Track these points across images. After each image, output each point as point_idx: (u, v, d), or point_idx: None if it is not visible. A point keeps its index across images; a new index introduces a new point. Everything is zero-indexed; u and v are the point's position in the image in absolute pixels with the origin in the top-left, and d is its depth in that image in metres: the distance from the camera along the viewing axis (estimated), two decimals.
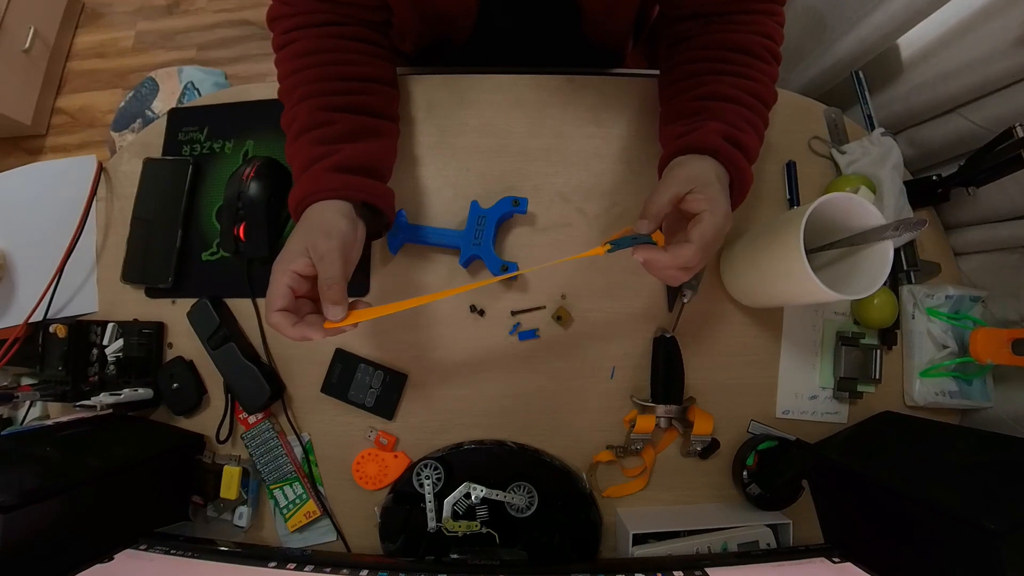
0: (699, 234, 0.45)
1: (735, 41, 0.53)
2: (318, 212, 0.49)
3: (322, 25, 0.53)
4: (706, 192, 0.46)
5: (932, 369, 0.60)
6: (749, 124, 0.51)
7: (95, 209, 0.68)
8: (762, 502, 0.58)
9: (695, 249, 0.45)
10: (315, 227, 0.47)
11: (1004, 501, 0.41)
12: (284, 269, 0.46)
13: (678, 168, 0.49)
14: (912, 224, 0.46)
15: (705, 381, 0.62)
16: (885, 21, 0.65)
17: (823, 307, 0.63)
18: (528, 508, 0.59)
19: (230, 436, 0.63)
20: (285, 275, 0.46)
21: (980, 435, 0.55)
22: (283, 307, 0.45)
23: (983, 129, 0.59)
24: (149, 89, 1.25)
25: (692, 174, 0.47)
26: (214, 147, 0.68)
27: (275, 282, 0.46)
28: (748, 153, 0.50)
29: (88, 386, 0.63)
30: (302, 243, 0.46)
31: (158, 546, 0.52)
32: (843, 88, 0.73)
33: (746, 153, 0.50)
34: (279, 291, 0.45)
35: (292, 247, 0.47)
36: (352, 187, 0.50)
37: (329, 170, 0.49)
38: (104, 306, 0.67)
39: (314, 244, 0.46)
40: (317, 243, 0.46)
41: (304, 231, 0.48)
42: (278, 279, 0.46)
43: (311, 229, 0.47)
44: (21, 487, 0.45)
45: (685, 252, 0.45)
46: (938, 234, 0.66)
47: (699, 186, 0.46)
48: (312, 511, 0.61)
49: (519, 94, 0.66)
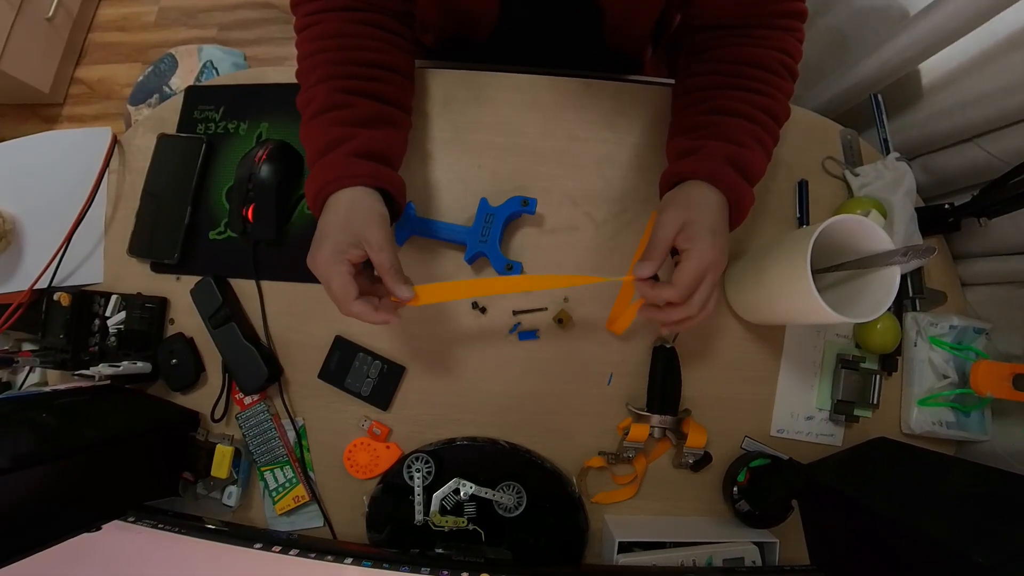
0: (678, 275, 0.47)
1: (751, 56, 0.53)
2: (356, 200, 0.48)
3: (344, 10, 0.53)
4: (691, 232, 0.47)
5: (931, 398, 0.60)
6: (756, 141, 0.51)
7: (107, 181, 0.69)
8: (750, 519, 0.58)
9: (671, 290, 0.47)
10: (360, 216, 0.47)
11: (995, 535, 0.41)
12: (340, 259, 0.46)
13: (674, 205, 0.49)
14: (921, 251, 0.45)
15: (702, 394, 0.62)
16: (908, 46, 0.65)
17: (825, 328, 0.63)
18: (516, 508, 0.59)
19: (225, 415, 0.64)
20: (343, 265, 0.46)
21: (975, 468, 0.55)
22: (358, 295, 0.46)
23: (999, 160, 0.59)
24: (168, 65, 1.25)
25: (684, 209, 0.48)
26: (228, 127, 0.69)
27: (337, 274, 0.46)
28: (751, 173, 0.51)
29: (88, 356, 0.64)
30: (351, 233, 0.46)
31: (146, 519, 0.53)
32: (861, 110, 0.73)
33: (749, 173, 0.50)
34: (347, 282, 0.46)
35: (337, 237, 0.46)
36: (375, 174, 0.50)
37: (351, 156, 0.49)
38: (109, 278, 0.67)
39: (367, 235, 0.46)
40: (370, 234, 0.46)
41: (346, 220, 0.47)
42: (339, 270, 0.46)
43: (355, 219, 0.47)
44: (14, 451, 0.45)
45: (665, 291, 0.47)
46: (946, 263, 0.65)
47: (688, 224, 0.47)
48: (301, 496, 0.61)
49: (536, 95, 0.66)
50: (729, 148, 0.50)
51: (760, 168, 0.52)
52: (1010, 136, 0.59)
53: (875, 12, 0.76)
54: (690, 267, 0.46)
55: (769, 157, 0.53)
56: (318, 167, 0.50)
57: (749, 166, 0.50)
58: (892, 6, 0.73)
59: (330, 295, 0.47)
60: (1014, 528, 0.42)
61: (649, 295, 0.49)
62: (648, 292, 0.49)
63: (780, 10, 0.53)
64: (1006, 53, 0.60)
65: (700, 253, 0.46)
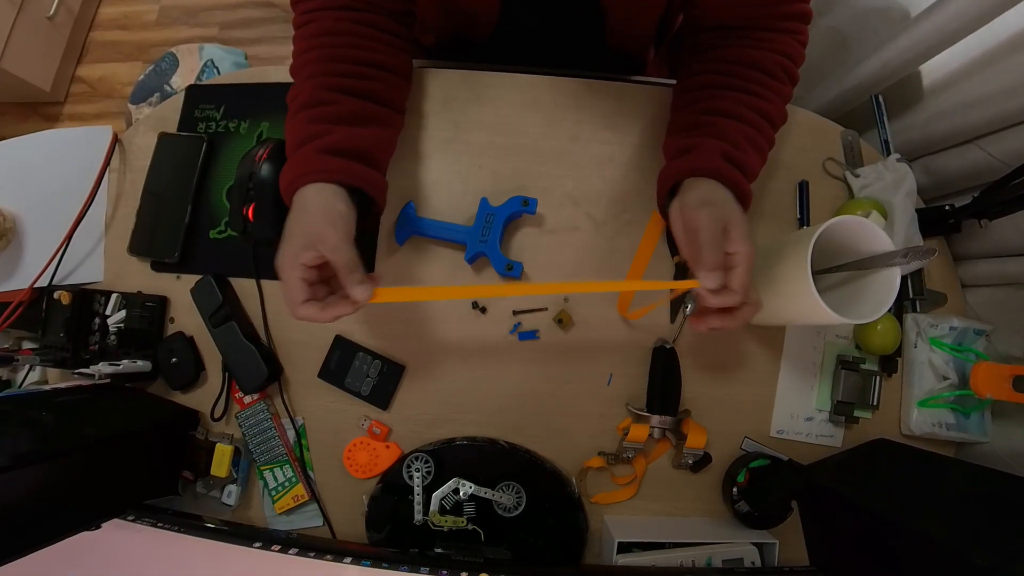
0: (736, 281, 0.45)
1: (751, 57, 0.53)
2: (314, 197, 0.47)
3: (342, 9, 0.53)
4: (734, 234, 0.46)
5: (931, 399, 0.60)
6: (750, 143, 0.51)
7: (107, 179, 0.69)
8: (750, 520, 0.58)
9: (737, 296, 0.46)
10: (316, 216, 0.46)
11: (994, 537, 0.41)
12: (293, 264, 0.46)
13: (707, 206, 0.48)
14: (921, 252, 0.45)
15: (701, 394, 0.62)
16: (909, 47, 0.65)
17: (825, 329, 0.63)
18: (516, 508, 0.59)
19: (225, 414, 0.64)
20: (295, 270, 0.45)
21: (974, 469, 0.55)
22: (305, 299, 0.46)
23: (1000, 162, 0.59)
24: (169, 64, 1.25)
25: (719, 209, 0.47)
26: (229, 126, 0.69)
27: (289, 279, 0.46)
28: (747, 173, 0.50)
29: (88, 354, 0.64)
30: (305, 235, 0.46)
31: (146, 518, 0.53)
32: (861, 111, 0.73)
33: (745, 173, 0.50)
34: (296, 287, 0.46)
35: (294, 240, 0.46)
36: (344, 171, 0.49)
37: (320, 151, 0.48)
38: (109, 276, 0.67)
39: (320, 236, 0.45)
40: (324, 235, 0.45)
41: (303, 220, 0.47)
42: (290, 275, 0.46)
43: (311, 219, 0.47)
44: (14, 449, 0.45)
45: (747, 312, 0.47)
46: (947, 264, 0.65)
47: (729, 225, 0.46)
48: (300, 495, 0.61)
49: (536, 95, 0.66)
50: (724, 146, 0.50)
51: (755, 169, 0.52)
52: (1011, 137, 0.59)
53: (876, 13, 0.76)
54: (744, 270, 0.45)
55: (764, 160, 0.53)
56: (290, 162, 0.50)
57: (744, 166, 0.50)
58: (893, 7, 0.73)
59: (284, 297, 0.47)
60: (1013, 530, 0.42)
61: (715, 302, 0.47)
62: (714, 301, 0.47)
63: (783, 12, 0.53)
64: (1007, 55, 0.60)
65: (749, 253, 0.46)
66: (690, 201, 0.49)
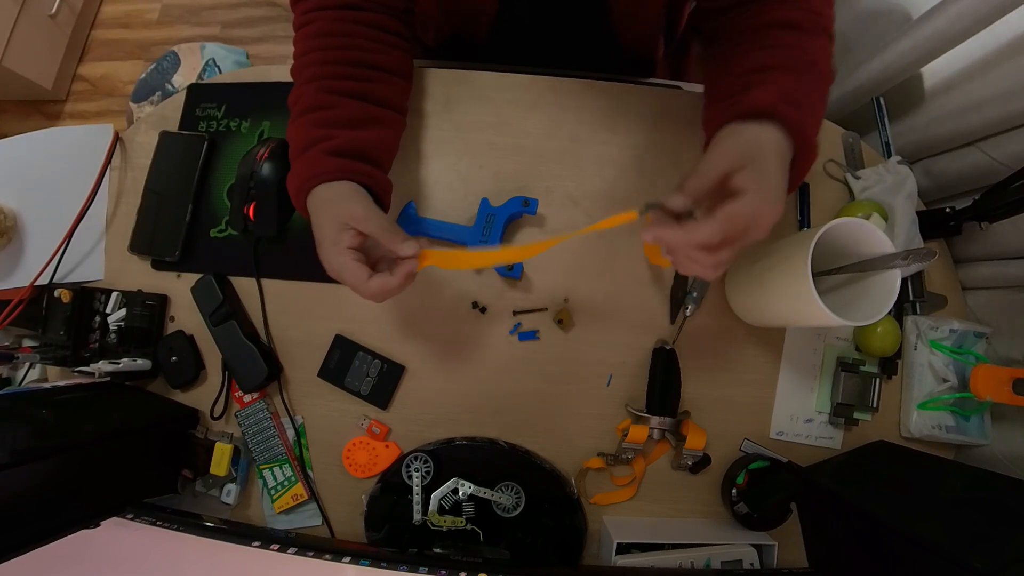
0: (726, 212, 0.37)
1: (782, 17, 0.46)
2: (329, 193, 0.49)
3: (340, 8, 0.53)
4: (758, 169, 0.38)
5: (930, 402, 0.60)
6: (809, 87, 0.44)
7: (108, 177, 0.69)
8: (749, 521, 0.58)
9: (713, 228, 0.37)
10: (338, 201, 0.48)
11: (993, 541, 0.41)
12: (338, 251, 0.46)
13: (729, 139, 0.41)
14: (921, 255, 0.45)
15: (701, 396, 0.62)
16: (910, 49, 0.65)
17: (825, 331, 0.63)
18: (515, 508, 0.59)
19: (224, 413, 0.64)
20: (343, 255, 0.46)
21: (974, 472, 0.55)
22: (369, 275, 0.46)
23: (1001, 165, 0.59)
24: (171, 63, 1.25)
25: (746, 145, 0.39)
26: (230, 125, 0.69)
27: (342, 266, 0.46)
28: (809, 115, 0.42)
29: (88, 352, 0.64)
30: (334, 222, 0.47)
31: (145, 516, 0.53)
32: (863, 113, 0.73)
33: (809, 114, 0.42)
34: (352, 268, 0.46)
35: (327, 231, 0.47)
36: (351, 170, 0.50)
37: (328, 154, 0.49)
38: (110, 274, 0.67)
39: (349, 214, 0.46)
40: (352, 211, 0.46)
41: (327, 212, 0.48)
42: (342, 261, 0.46)
43: (334, 207, 0.48)
44: (13, 446, 0.45)
45: (702, 230, 0.38)
46: (947, 267, 0.65)
47: (751, 162, 0.38)
48: (299, 494, 0.61)
49: (538, 95, 0.66)
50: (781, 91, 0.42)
51: (818, 115, 0.44)
52: (1012, 140, 0.59)
53: (878, 15, 0.76)
54: (743, 208, 0.37)
55: (823, 107, 0.45)
56: (296, 165, 0.50)
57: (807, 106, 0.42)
58: (895, 9, 0.73)
59: (348, 286, 0.47)
60: (1012, 533, 0.42)
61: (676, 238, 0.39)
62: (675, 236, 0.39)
63: None
64: (1009, 57, 0.60)
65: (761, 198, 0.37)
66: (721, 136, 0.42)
